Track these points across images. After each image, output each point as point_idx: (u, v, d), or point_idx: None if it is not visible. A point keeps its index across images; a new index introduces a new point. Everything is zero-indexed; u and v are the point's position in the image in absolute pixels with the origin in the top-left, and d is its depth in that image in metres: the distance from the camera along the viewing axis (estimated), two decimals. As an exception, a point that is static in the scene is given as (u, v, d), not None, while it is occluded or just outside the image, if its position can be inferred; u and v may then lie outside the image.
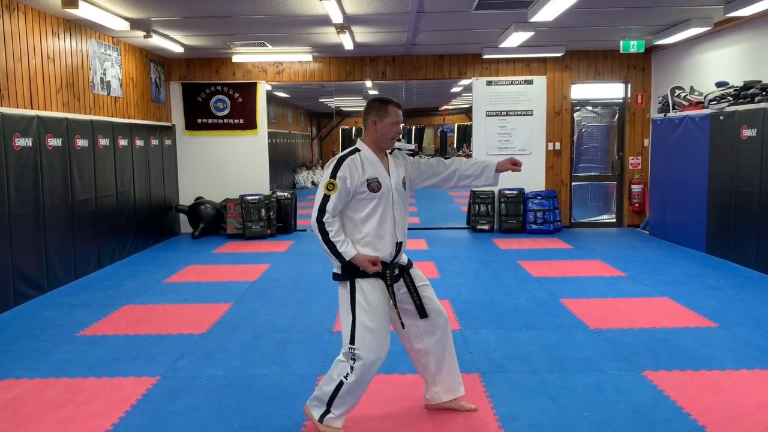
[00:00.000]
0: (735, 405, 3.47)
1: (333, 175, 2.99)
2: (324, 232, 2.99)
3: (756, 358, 4.19)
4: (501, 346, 4.51)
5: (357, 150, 3.10)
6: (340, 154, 3.10)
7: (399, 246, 3.13)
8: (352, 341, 3.00)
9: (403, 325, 3.18)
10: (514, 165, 3.29)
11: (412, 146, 17.87)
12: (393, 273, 3.11)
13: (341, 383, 3.04)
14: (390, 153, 3.23)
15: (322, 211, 2.98)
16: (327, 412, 3.11)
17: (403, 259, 3.22)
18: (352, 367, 3.02)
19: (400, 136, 3.24)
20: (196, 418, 3.41)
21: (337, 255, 2.99)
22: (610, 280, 6.53)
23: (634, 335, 4.71)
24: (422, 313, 3.18)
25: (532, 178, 10.13)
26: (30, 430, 3.30)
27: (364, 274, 3.03)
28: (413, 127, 24.85)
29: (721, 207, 7.46)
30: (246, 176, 10.24)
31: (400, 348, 4.29)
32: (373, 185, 3.02)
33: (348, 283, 3.05)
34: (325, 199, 2.98)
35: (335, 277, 3.13)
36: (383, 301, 3.06)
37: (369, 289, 3.03)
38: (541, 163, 10.16)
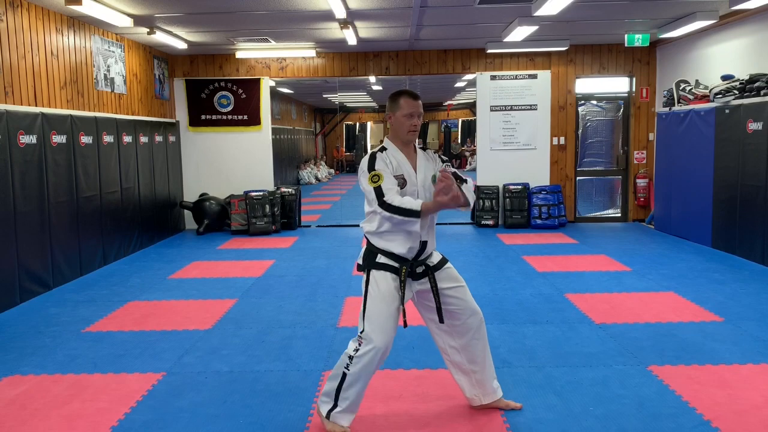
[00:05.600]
0: (741, 399, 3.46)
1: (371, 169, 3.01)
2: (390, 208, 2.96)
3: (762, 353, 4.17)
4: (506, 341, 4.50)
5: (384, 148, 3.13)
6: (369, 152, 3.12)
7: (424, 245, 3.12)
8: (362, 329, 3.05)
9: (405, 324, 3.16)
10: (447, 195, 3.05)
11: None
12: (412, 270, 3.10)
13: (344, 375, 3.05)
14: (423, 149, 3.22)
15: (380, 195, 2.97)
16: (334, 407, 3.10)
17: (434, 258, 3.21)
18: (353, 355, 3.03)
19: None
20: (202, 414, 3.42)
21: (411, 213, 2.95)
22: (615, 275, 6.52)
23: (640, 330, 4.69)
24: (440, 317, 3.17)
25: (537, 172, 10.11)
26: (36, 426, 3.31)
27: (380, 266, 3.07)
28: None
29: (726, 201, 7.43)
30: (250, 172, 10.24)
31: (405, 343, 4.29)
32: (399, 181, 3.04)
33: (366, 274, 3.11)
34: (378, 188, 2.98)
35: (358, 267, 3.20)
36: (394, 293, 3.06)
37: (381, 280, 3.05)
38: (546, 158, 10.14)
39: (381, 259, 3.08)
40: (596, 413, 3.33)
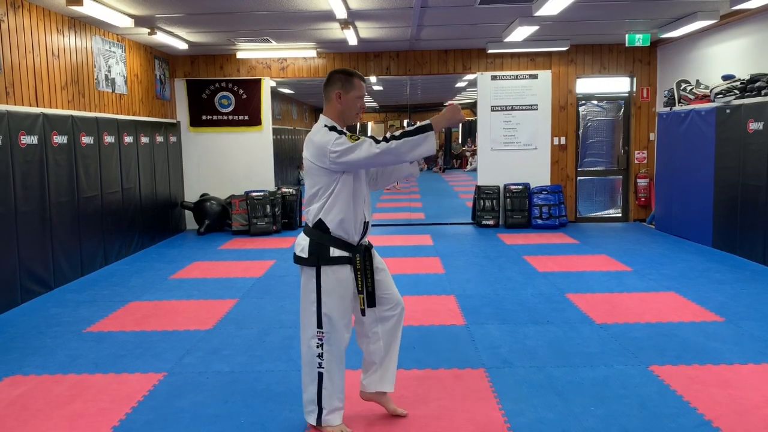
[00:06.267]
0: (742, 399, 3.46)
1: (341, 133, 2.91)
2: (402, 134, 2.85)
3: (763, 353, 4.17)
4: (507, 342, 4.50)
5: (334, 127, 2.97)
6: (321, 126, 2.98)
7: (366, 226, 3.08)
8: (319, 325, 2.98)
9: (363, 312, 3.09)
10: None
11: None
12: (362, 256, 3.03)
13: (320, 374, 3.02)
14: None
15: (375, 139, 2.86)
16: (320, 411, 3.07)
17: (365, 240, 3.14)
18: (321, 354, 2.99)
19: (406, 123, 3.20)
20: (203, 414, 3.42)
21: (424, 128, 2.84)
22: (616, 275, 6.52)
23: (641, 330, 4.69)
24: (371, 302, 3.08)
25: (538, 172, 10.11)
26: (38, 427, 3.32)
27: (331, 261, 2.97)
28: (418, 122, 24.84)
29: (727, 201, 7.43)
30: (251, 172, 10.25)
31: (405, 343, 4.28)
32: None
33: (314, 269, 2.99)
34: (365, 140, 2.85)
35: (299, 260, 3.03)
36: (348, 285, 3.02)
37: (334, 275, 2.98)
38: (547, 158, 10.13)
39: (335, 252, 2.98)
40: (597, 413, 3.33)
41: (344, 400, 3.15)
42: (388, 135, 2.91)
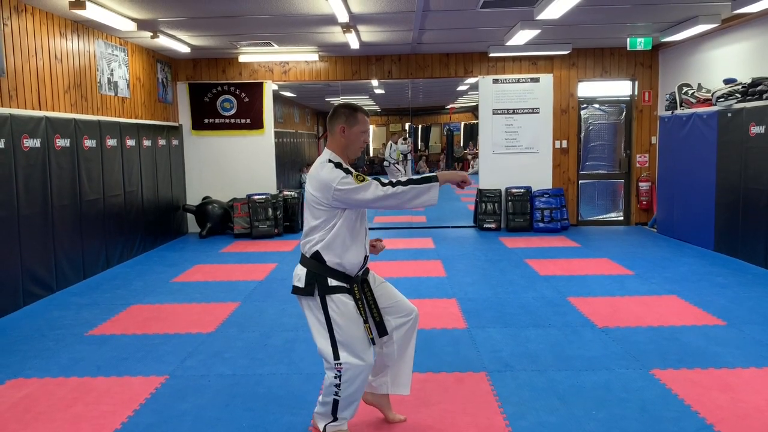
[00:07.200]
0: (743, 403, 3.46)
1: (348, 172, 2.90)
2: (408, 182, 2.86)
3: (765, 356, 4.17)
4: (508, 345, 4.50)
5: (340, 164, 2.95)
6: (325, 161, 2.96)
7: (366, 260, 3.07)
8: (336, 357, 2.93)
9: (374, 342, 3.05)
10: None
11: (409, 148, 17.64)
12: (360, 287, 3.01)
13: (336, 401, 2.98)
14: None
15: (381, 183, 2.85)
16: (333, 420, 3.06)
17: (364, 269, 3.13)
18: (339, 384, 2.94)
19: (405, 137, 3.20)
20: (204, 417, 3.42)
21: (430, 179, 2.86)
22: (617, 279, 6.51)
23: (642, 333, 4.69)
24: (382, 331, 3.06)
25: (539, 176, 10.12)
26: (40, 429, 3.32)
27: (332, 290, 2.93)
28: (420, 126, 24.83)
29: (729, 204, 7.42)
30: (253, 176, 10.26)
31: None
32: None
33: (318, 299, 2.94)
34: (371, 183, 2.85)
35: (298, 291, 2.98)
36: (355, 313, 2.97)
37: (341, 304, 2.94)
38: (548, 161, 10.14)
39: (333, 282, 2.94)
40: (599, 417, 3.33)
41: (359, 415, 3.13)
42: (394, 180, 2.90)
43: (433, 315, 5.26)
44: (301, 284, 2.97)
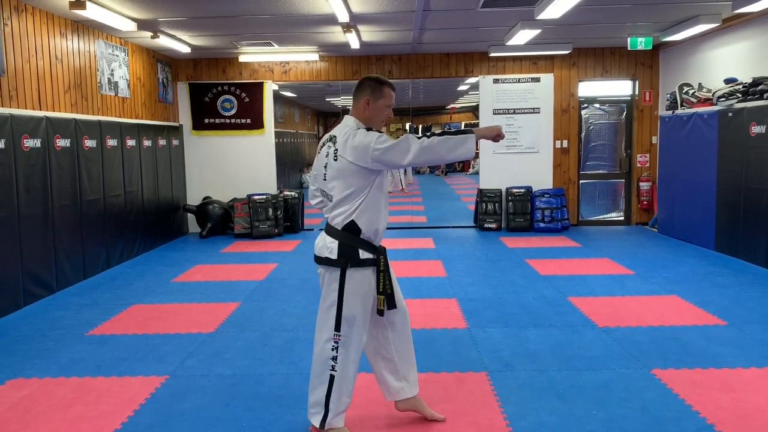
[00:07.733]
0: (744, 403, 3.45)
1: (380, 132, 2.93)
2: (443, 133, 2.86)
3: (765, 356, 4.16)
4: (509, 345, 4.50)
5: (369, 127, 2.99)
6: (355, 127, 2.97)
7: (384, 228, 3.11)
8: (337, 328, 2.97)
9: (381, 313, 3.07)
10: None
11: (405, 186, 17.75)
12: (384, 257, 3.04)
13: (332, 377, 3.00)
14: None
15: (416, 138, 2.85)
16: (326, 414, 3.05)
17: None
18: (336, 357, 2.98)
19: (408, 126, 3.21)
20: (205, 417, 3.42)
21: (465, 131, 2.87)
22: (618, 279, 6.51)
23: (643, 333, 4.69)
24: (392, 303, 3.07)
25: (540, 176, 10.11)
26: (40, 429, 3.32)
27: (359, 263, 2.96)
28: (420, 126, 24.84)
29: (730, 204, 7.42)
30: (253, 176, 10.26)
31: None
32: None
33: (339, 271, 2.96)
34: (407, 136, 2.85)
35: (327, 261, 2.99)
36: (370, 289, 3.02)
37: (360, 279, 2.97)
38: (549, 161, 10.14)
39: (363, 255, 2.97)
40: (599, 417, 3.32)
41: (358, 411, 3.13)
42: (428, 134, 2.91)
43: (433, 315, 5.25)
44: (333, 255, 2.97)
